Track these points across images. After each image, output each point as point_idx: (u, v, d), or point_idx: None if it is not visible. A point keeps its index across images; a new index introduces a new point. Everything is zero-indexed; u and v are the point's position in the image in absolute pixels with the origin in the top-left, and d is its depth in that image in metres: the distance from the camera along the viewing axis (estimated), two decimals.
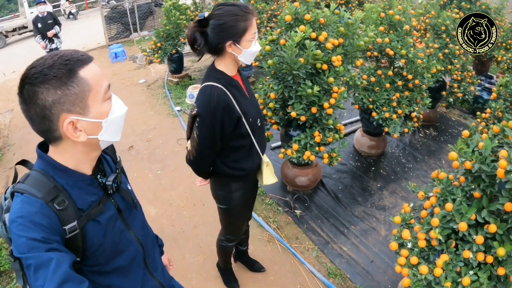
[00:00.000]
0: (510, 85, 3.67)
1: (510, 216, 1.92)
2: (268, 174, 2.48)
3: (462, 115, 6.40)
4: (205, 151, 2.20)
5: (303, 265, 3.47)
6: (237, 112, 2.13)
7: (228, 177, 2.39)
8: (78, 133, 1.19)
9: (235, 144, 2.26)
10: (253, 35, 2.06)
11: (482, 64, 7.38)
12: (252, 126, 2.25)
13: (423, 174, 4.77)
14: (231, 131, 2.18)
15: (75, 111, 1.16)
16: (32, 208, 1.15)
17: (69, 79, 1.13)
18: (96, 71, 1.21)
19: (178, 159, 5.18)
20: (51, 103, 1.13)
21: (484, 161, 1.99)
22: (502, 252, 1.88)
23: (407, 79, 4.31)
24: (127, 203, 1.48)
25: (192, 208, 4.25)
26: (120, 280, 1.42)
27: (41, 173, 1.24)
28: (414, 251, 2.22)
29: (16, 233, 1.12)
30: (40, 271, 1.08)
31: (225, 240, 2.88)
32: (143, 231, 1.57)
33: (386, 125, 4.24)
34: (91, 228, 1.28)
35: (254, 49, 2.09)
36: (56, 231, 1.17)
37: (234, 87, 2.17)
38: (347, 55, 3.60)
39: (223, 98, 2.06)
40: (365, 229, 3.87)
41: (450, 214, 2.06)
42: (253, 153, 2.37)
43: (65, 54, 1.16)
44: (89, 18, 18.60)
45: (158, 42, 7.19)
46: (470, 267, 2.03)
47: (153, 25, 12.43)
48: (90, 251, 1.29)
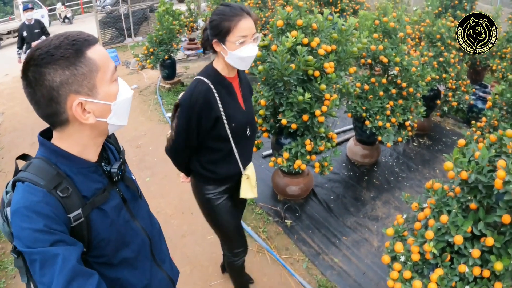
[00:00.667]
0: (506, 94, 3.61)
1: (508, 229, 1.84)
2: (246, 188, 2.44)
3: (456, 124, 6.35)
4: (180, 142, 2.23)
5: (293, 277, 3.36)
6: (218, 111, 2.12)
7: (202, 178, 2.38)
8: (87, 115, 1.17)
9: (213, 145, 2.25)
10: (239, 37, 2.00)
11: (476, 73, 7.36)
12: (235, 132, 2.22)
13: (417, 184, 4.69)
14: (210, 130, 2.17)
15: (83, 92, 1.15)
16: (34, 198, 1.11)
17: (77, 59, 1.12)
18: (103, 51, 1.20)
19: (168, 167, 5.07)
20: (59, 83, 1.11)
21: (481, 171, 1.90)
22: (499, 267, 1.79)
23: (401, 87, 4.25)
24: (132, 192, 1.46)
25: (180, 217, 4.15)
26: (128, 273, 1.39)
27: (43, 160, 1.21)
28: (407, 265, 2.13)
29: (18, 224, 1.09)
30: (46, 267, 1.06)
31: (231, 256, 2.74)
32: (149, 222, 1.55)
33: (379, 133, 4.16)
34: (96, 216, 1.25)
35: (241, 53, 2.03)
36: (61, 220, 1.14)
37: (224, 87, 2.17)
38: (340, 62, 3.52)
39: (205, 94, 2.08)
40: (357, 240, 3.77)
41: (445, 227, 1.97)
42: (231, 160, 2.31)
43: (71, 35, 1.15)
44: (84, 22, 18.61)
45: (150, 47, 7.13)
46: (466, 282, 1.93)
47: (148, 30, 12.40)
48: (95, 241, 1.26)
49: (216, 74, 2.16)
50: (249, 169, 2.44)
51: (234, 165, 2.34)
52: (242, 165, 2.36)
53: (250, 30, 2.02)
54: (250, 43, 2.04)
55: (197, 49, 10.43)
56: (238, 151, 2.29)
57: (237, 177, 2.42)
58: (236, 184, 2.46)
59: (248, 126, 2.31)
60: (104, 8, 13.99)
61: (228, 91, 2.19)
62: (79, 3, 21.96)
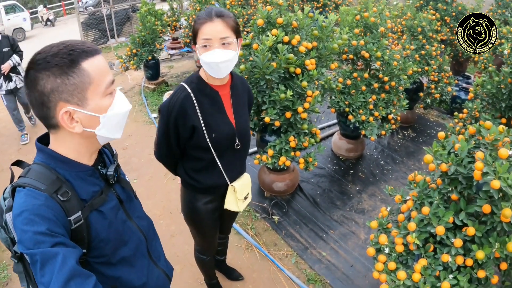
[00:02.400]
0: (487, 85, 3.66)
1: (488, 218, 1.88)
2: (230, 200, 2.36)
3: (440, 115, 6.43)
4: (162, 146, 2.20)
5: (282, 272, 3.39)
6: (194, 120, 2.05)
7: (188, 185, 2.35)
8: (74, 124, 1.20)
9: (194, 154, 2.20)
10: (202, 41, 1.91)
11: (459, 65, 7.44)
12: (218, 143, 2.14)
13: (402, 176, 4.75)
14: (189, 139, 2.12)
15: (72, 102, 1.17)
16: (36, 201, 1.14)
17: (70, 69, 1.14)
18: (100, 64, 1.21)
19: (154, 168, 5.07)
20: (50, 90, 1.14)
21: (461, 163, 1.95)
22: (481, 255, 1.84)
23: (383, 81, 4.29)
24: (127, 193, 1.50)
25: (168, 217, 4.15)
26: (127, 271, 1.43)
27: (42, 166, 1.23)
28: (391, 256, 2.17)
29: (21, 228, 1.11)
30: (47, 267, 1.08)
31: (197, 251, 2.80)
32: (144, 221, 1.58)
33: (363, 128, 4.20)
34: (95, 218, 1.29)
35: (205, 58, 1.92)
36: (62, 223, 1.17)
37: (207, 96, 2.09)
38: (321, 58, 3.55)
39: (182, 101, 2.03)
40: (344, 233, 3.81)
41: (427, 218, 2.02)
42: (214, 171, 2.24)
43: (72, 44, 1.17)
44: (67, 24, 18.45)
45: (134, 48, 7.08)
46: (450, 271, 1.98)
47: (131, 31, 12.32)
48: (95, 242, 1.29)
49: (199, 82, 2.09)
50: (238, 182, 2.36)
51: (218, 176, 2.26)
52: (228, 177, 2.28)
53: (215, 34, 1.89)
54: (217, 47, 1.91)
55: (180, 48, 10.39)
56: (222, 162, 2.21)
57: (224, 188, 2.34)
58: (224, 195, 2.38)
59: (236, 138, 2.21)
60: (86, 9, 13.90)
61: (212, 100, 2.10)
62: (61, 5, 21.73)
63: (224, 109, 2.16)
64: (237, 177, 2.38)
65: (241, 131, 2.24)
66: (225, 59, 1.91)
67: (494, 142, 1.91)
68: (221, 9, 1.96)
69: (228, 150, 2.22)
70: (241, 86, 2.28)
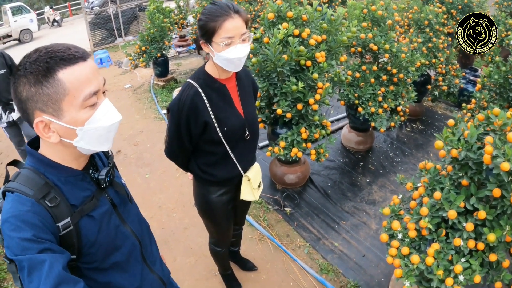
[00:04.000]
0: (494, 75, 3.70)
1: (499, 202, 1.93)
2: (246, 190, 2.40)
3: (448, 108, 6.46)
4: (173, 145, 2.22)
5: (295, 262, 3.45)
6: (206, 115, 2.06)
7: (201, 180, 2.36)
8: (49, 134, 1.16)
9: (207, 149, 2.22)
10: (224, 38, 1.89)
11: (466, 58, 7.45)
12: (230, 136, 2.16)
13: (412, 168, 4.79)
14: (202, 134, 2.14)
15: (47, 112, 1.13)
16: (23, 207, 1.12)
17: (44, 78, 1.09)
18: (80, 74, 1.13)
19: (166, 162, 5.13)
20: (25, 98, 1.11)
21: (471, 149, 1.99)
22: (492, 238, 1.88)
23: (392, 74, 4.33)
24: (121, 197, 1.46)
25: (182, 210, 4.22)
26: (119, 276, 1.40)
27: (31, 170, 1.21)
28: (404, 242, 2.21)
29: (7, 234, 1.09)
30: (34, 274, 1.06)
31: (212, 244, 2.84)
32: (139, 225, 1.54)
33: (372, 119, 4.25)
34: (85, 224, 1.26)
35: (227, 55, 1.92)
36: (49, 229, 1.14)
37: (215, 90, 2.10)
38: (331, 51, 3.60)
39: (192, 98, 2.04)
40: (356, 224, 3.87)
41: (439, 203, 2.07)
42: (228, 163, 2.26)
43: (53, 50, 1.11)
44: (73, 25, 18.55)
45: (143, 46, 7.16)
46: (462, 255, 2.03)
47: (138, 29, 12.41)
48: (85, 247, 1.26)
49: (207, 77, 2.09)
50: (251, 171, 2.39)
51: (232, 167, 2.29)
52: (242, 167, 2.31)
53: (237, 30, 1.90)
54: (238, 43, 1.92)
55: (188, 46, 10.46)
56: (235, 154, 2.24)
57: (237, 179, 2.37)
58: (237, 186, 2.42)
59: (246, 129, 2.23)
60: (92, 9, 14.00)
61: (221, 94, 2.11)
62: (67, 5, 21.85)
63: (232, 102, 2.17)
64: (249, 167, 2.41)
65: (250, 122, 2.26)
66: (246, 53, 1.95)
67: (503, 127, 1.96)
68: (232, 3, 1.95)
69: (239, 141, 2.24)
70: (245, 77, 2.30)
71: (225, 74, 2.11)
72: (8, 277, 3.51)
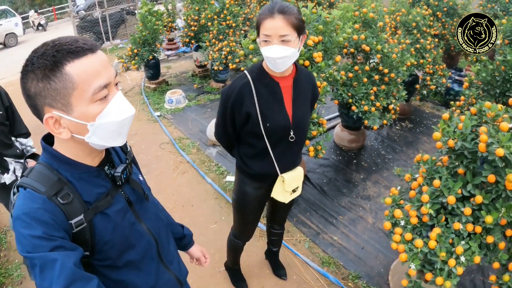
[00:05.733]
0: (482, 73, 3.88)
1: (493, 187, 2.07)
2: (278, 190, 2.40)
3: (435, 107, 6.67)
4: (219, 128, 2.32)
5: (297, 256, 3.56)
6: (251, 107, 2.11)
7: (240, 169, 2.45)
8: (60, 130, 1.13)
9: (248, 140, 2.28)
10: (263, 36, 1.96)
11: (451, 58, 7.66)
12: (272, 133, 2.18)
13: (403, 164, 4.96)
14: (244, 125, 2.20)
15: (57, 107, 1.09)
16: (34, 204, 1.10)
17: (51, 73, 1.05)
18: (88, 67, 1.08)
19: (162, 163, 5.22)
20: (34, 94, 1.09)
21: (466, 139, 2.14)
22: (490, 220, 2.03)
23: (383, 73, 4.48)
24: (138, 194, 1.41)
25: (181, 210, 4.29)
26: (133, 275, 1.37)
27: (45, 166, 1.19)
28: (407, 228, 2.34)
29: (19, 231, 1.08)
30: (46, 272, 1.05)
31: (232, 235, 2.90)
32: (156, 223, 1.50)
33: (365, 117, 4.39)
34: (99, 221, 1.23)
35: (265, 52, 1.98)
36: (61, 227, 1.12)
37: (266, 85, 2.13)
38: (327, 51, 3.73)
39: (240, 88, 2.11)
40: (353, 218, 4.00)
41: (439, 190, 2.21)
42: (266, 159, 2.29)
43: (60, 43, 1.07)
44: (58, 29, 18.42)
45: (134, 48, 7.19)
46: (461, 238, 2.17)
47: (126, 33, 12.42)
48: (99, 245, 1.24)
49: (261, 71, 2.13)
50: (289, 173, 2.38)
51: (269, 164, 2.30)
52: (279, 167, 2.31)
53: (274, 30, 1.91)
54: (275, 43, 1.93)
55: (176, 49, 10.54)
56: (275, 152, 2.26)
57: (273, 177, 2.39)
58: (272, 184, 2.43)
59: (291, 130, 2.21)
60: (78, 13, 13.96)
61: (271, 90, 2.13)
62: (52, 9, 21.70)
63: (282, 101, 2.17)
64: (289, 169, 2.40)
65: (298, 125, 2.23)
66: (282, 55, 1.94)
67: (495, 118, 2.12)
68: (285, 4, 1.95)
69: (282, 141, 2.24)
70: (306, 81, 2.27)
71: (278, 72, 2.11)
72: (6, 281, 3.52)
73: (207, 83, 7.99)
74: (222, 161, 5.12)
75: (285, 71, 2.11)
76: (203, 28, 7.46)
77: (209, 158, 5.28)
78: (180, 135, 6.04)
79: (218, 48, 6.86)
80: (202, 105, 7.02)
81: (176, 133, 6.12)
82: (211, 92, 7.52)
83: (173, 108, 6.96)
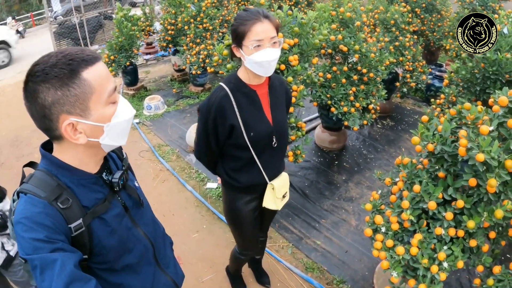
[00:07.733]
0: (461, 71, 3.85)
1: (475, 191, 2.03)
2: (269, 199, 2.39)
3: (416, 103, 6.67)
4: (201, 145, 2.26)
5: (280, 263, 3.51)
6: (233, 119, 2.09)
7: (229, 185, 2.39)
8: (77, 135, 1.19)
9: (233, 153, 2.24)
10: (254, 41, 1.93)
11: (431, 54, 7.68)
12: (256, 142, 2.17)
13: (385, 163, 4.93)
14: (228, 138, 2.17)
15: (75, 113, 1.15)
16: (35, 209, 1.15)
17: (70, 80, 1.11)
18: (101, 72, 1.18)
19: (142, 172, 5.11)
20: (51, 103, 1.12)
21: (445, 142, 2.09)
22: (472, 225, 1.99)
23: (362, 73, 4.44)
24: (133, 200, 1.48)
25: (162, 219, 4.13)
26: (131, 278, 1.42)
27: (44, 173, 1.24)
28: (388, 235, 2.30)
29: (20, 234, 1.12)
30: (46, 272, 1.09)
31: (238, 253, 2.86)
32: (152, 228, 1.57)
33: (345, 119, 4.34)
34: (97, 225, 1.28)
35: (256, 58, 1.95)
36: (61, 230, 1.17)
37: (245, 95, 2.12)
38: (303, 54, 3.67)
39: (220, 101, 2.08)
40: (336, 221, 3.95)
41: (419, 195, 2.16)
42: (253, 169, 2.27)
43: (70, 53, 1.14)
44: (37, 35, 18.08)
45: (111, 55, 7.07)
46: (444, 243, 2.13)
47: (104, 38, 12.23)
48: (97, 248, 1.29)
49: (238, 81, 2.12)
50: (277, 180, 2.38)
51: (257, 174, 2.29)
52: (267, 175, 2.31)
53: (266, 34, 1.93)
54: (267, 47, 1.95)
55: (155, 53, 10.41)
56: (261, 161, 2.24)
57: (262, 186, 2.37)
58: (262, 194, 2.40)
59: (274, 136, 2.23)
60: (56, 18, 13.74)
61: (250, 99, 2.13)
62: (30, 16, 21.35)
63: (261, 108, 2.18)
64: (276, 176, 2.39)
65: (279, 130, 2.25)
66: (275, 57, 1.97)
67: (475, 121, 2.07)
68: (264, 10, 2.00)
69: (266, 148, 2.24)
70: (279, 86, 2.30)
71: (257, 80, 2.12)
72: None
73: (186, 87, 7.88)
74: (202, 168, 5.01)
75: (261, 78, 2.12)
76: (180, 31, 7.34)
77: (189, 164, 5.18)
78: (159, 142, 5.93)
79: (195, 52, 6.76)
80: (181, 110, 6.92)
81: (156, 140, 6.01)
82: (190, 96, 7.43)
83: (152, 114, 6.84)
